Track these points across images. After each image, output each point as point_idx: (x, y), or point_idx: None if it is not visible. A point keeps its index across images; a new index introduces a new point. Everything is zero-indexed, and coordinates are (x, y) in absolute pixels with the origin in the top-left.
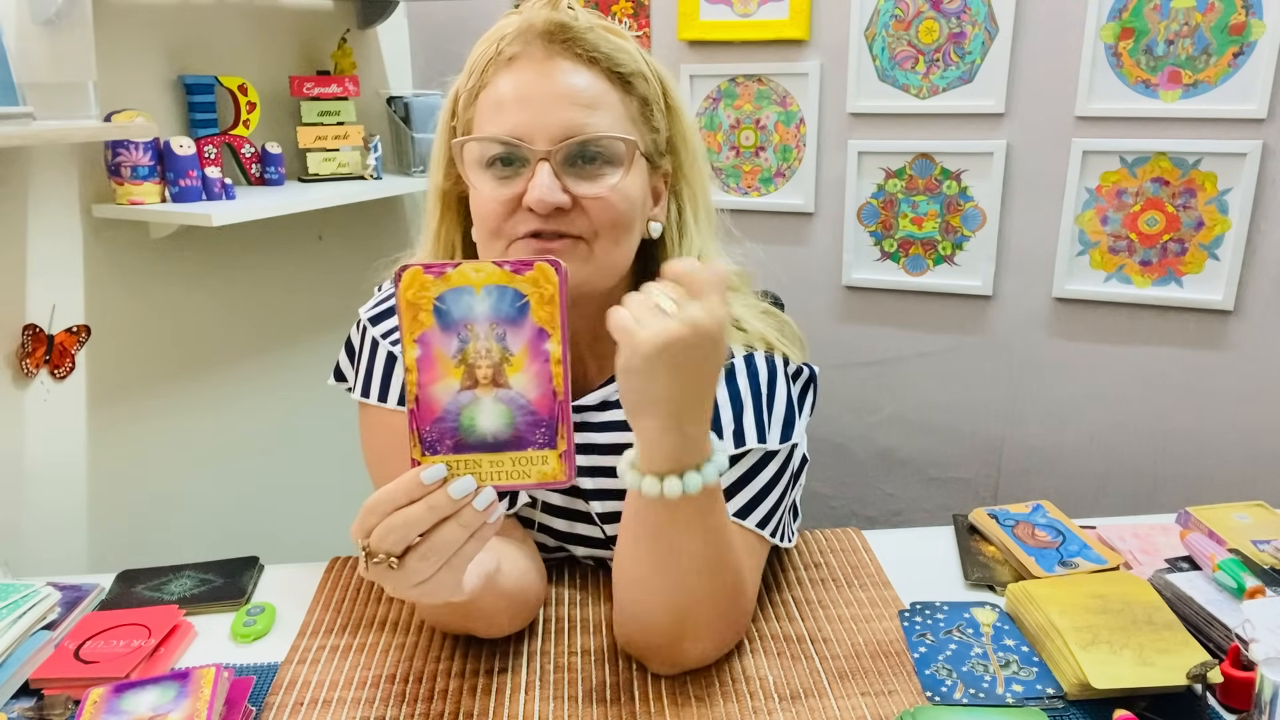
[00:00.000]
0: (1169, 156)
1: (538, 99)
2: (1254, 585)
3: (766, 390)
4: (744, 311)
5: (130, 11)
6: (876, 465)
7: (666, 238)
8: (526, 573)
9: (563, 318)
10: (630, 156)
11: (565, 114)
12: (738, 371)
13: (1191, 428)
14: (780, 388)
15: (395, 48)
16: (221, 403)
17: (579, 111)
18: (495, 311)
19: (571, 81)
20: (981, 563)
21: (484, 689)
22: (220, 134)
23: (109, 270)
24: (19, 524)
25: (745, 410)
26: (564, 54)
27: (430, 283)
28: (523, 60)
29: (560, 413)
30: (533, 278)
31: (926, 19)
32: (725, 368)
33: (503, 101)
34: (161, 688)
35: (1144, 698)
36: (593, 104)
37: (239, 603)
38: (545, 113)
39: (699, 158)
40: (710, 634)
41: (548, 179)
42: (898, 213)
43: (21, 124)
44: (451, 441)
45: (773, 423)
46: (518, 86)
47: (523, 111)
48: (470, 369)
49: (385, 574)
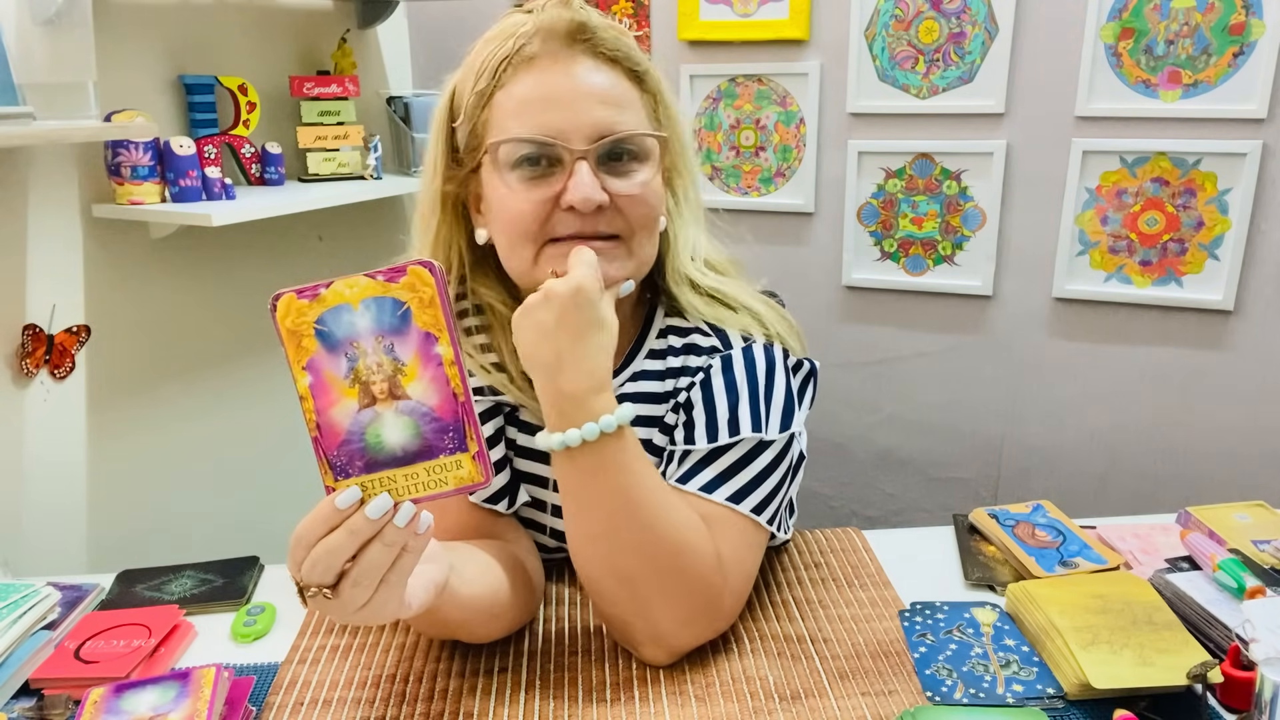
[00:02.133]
0: (1169, 156)
1: (567, 98)
2: (1254, 585)
3: (765, 381)
4: (736, 290)
5: (130, 11)
6: (876, 465)
7: (669, 228)
8: (495, 578)
9: (447, 318)
10: (660, 153)
11: (597, 113)
12: (735, 362)
13: (1191, 428)
14: (779, 378)
15: (395, 48)
16: (222, 403)
17: (609, 110)
18: (378, 324)
19: (597, 80)
20: (982, 563)
21: (484, 689)
22: (220, 134)
23: (109, 270)
24: (19, 524)
25: (741, 400)
26: (586, 53)
27: (307, 307)
28: (544, 60)
29: (465, 414)
30: (409, 283)
31: (926, 19)
32: (722, 358)
33: (528, 101)
34: (162, 688)
35: (1144, 698)
36: (620, 102)
37: (239, 602)
38: (578, 112)
39: (689, 150)
40: (671, 608)
41: (589, 178)
42: (898, 213)
43: (21, 124)
44: (362, 462)
45: (771, 412)
46: (544, 87)
47: (553, 111)
48: (365, 386)
49: (323, 604)
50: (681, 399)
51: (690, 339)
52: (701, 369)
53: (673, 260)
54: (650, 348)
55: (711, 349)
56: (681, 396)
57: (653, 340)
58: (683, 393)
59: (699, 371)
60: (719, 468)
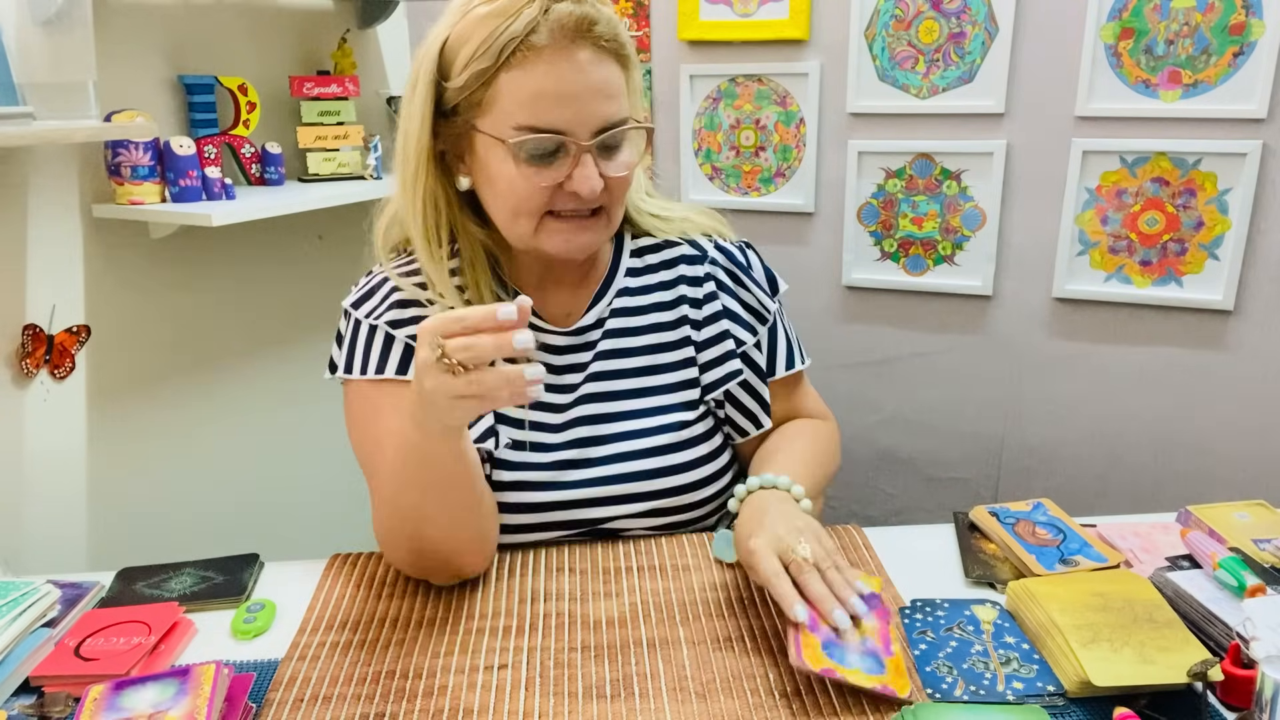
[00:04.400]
0: (1169, 156)
1: (575, 93)
2: (1255, 583)
3: (747, 265)
4: (675, 205)
5: (130, 11)
6: (877, 465)
7: None
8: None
9: None
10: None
11: (601, 108)
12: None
13: (1191, 428)
14: (753, 260)
15: (395, 48)
16: (221, 402)
17: (608, 103)
18: None
19: (602, 74)
20: (982, 560)
21: (484, 685)
22: (220, 134)
23: (109, 270)
24: (19, 522)
25: (749, 287)
26: (589, 46)
27: None
28: (551, 52)
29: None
30: None
31: (926, 19)
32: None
33: (541, 94)
34: (161, 685)
35: (1144, 695)
36: (615, 93)
37: (239, 600)
38: (585, 108)
39: (639, 91)
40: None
41: (594, 169)
42: (898, 213)
43: (21, 124)
44: None
45: (765, 285)
46: (554, 81)
47: (563, 106)
48: None
49: (442, 375)
50: (701, 294)
51: (669, 253)
52: (707, 276)
53: (633, 197)
54: (628, 266)
55: (695, 257)
56: (716, 304)
57: (629, 260)
58: (699, 292)
59: (707, 279)
60: (780, 346)
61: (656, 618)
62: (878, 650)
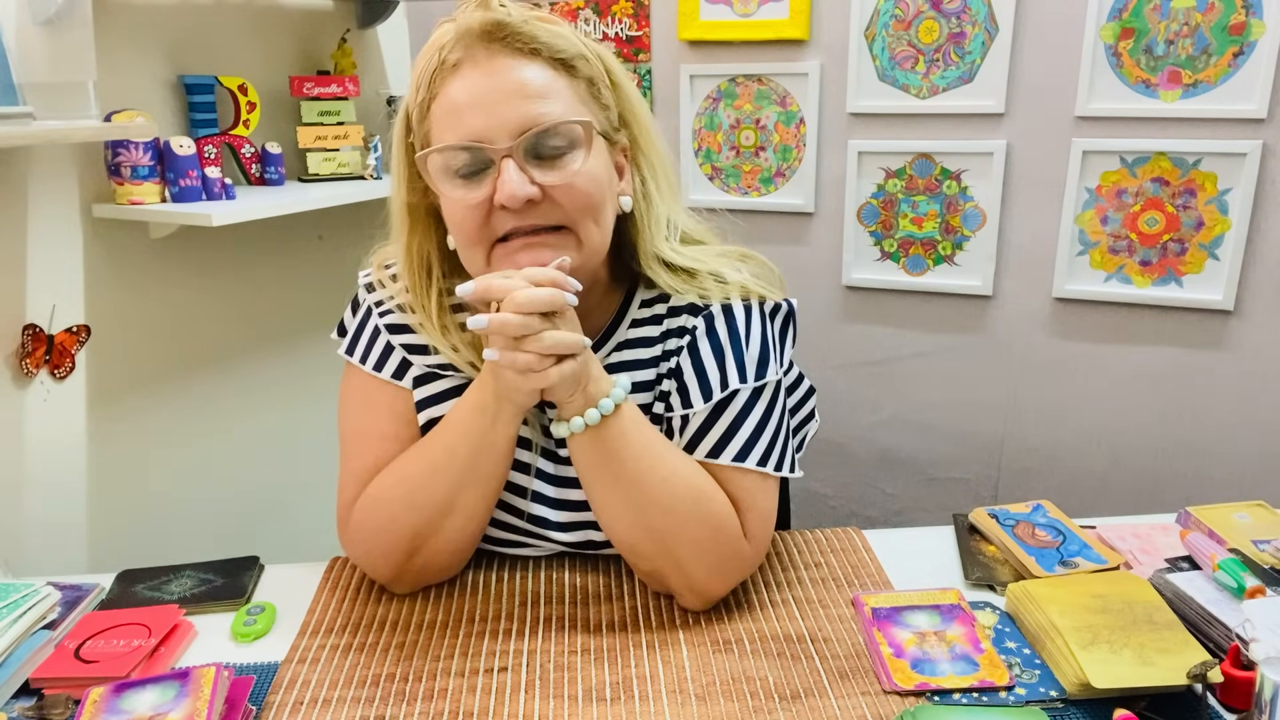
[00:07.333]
0: (1169, 156)
1: (489, 99)
2: (1254, 585)
3: (744, 334)
4: (719, 263)
5: (130, 11)
6: (876, 465)
7: (635, 209)
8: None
9: None
10: (588, 138)
11: (519, 108)
12: (716, 320)
13: (1191, 428)
14: (755, 329)
15: (395, 48)
16: (221, 402)
17: (531, 103)
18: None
19: (518, 75)
20: (982, 562)
21: (484, 688)
22: (220, 134)
23: (109, 270)
24: (19, 524)
25: (727, 357)
26: (505, 51)
27: None
28: (467, 64)
29: None
30: None
31: (926, 19)
32: (704, 317)
33: (456, 107)
34: (162, 687)
35: (1144, 697)
36: (543, 94)
37: (239, 602)
38: (499, 110)
39: (651, 126)
40: (699, 555)
41: (515, 174)
42: (898, 213)
43: (21, 124)
44: None
45: (748, 362)
46: (468, 91)
47: (478, 114)
48: None
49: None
50: (673, 364)
51: (674, 302)
52: (688, 329)
53: (644, 243)
54: (633, 318)
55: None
56: (673, 361)
57: (636, 311)
58: (673, 357)
59: (687, 333)
60: (719, 430)
61: (656, 620)
62: (968, 653)
